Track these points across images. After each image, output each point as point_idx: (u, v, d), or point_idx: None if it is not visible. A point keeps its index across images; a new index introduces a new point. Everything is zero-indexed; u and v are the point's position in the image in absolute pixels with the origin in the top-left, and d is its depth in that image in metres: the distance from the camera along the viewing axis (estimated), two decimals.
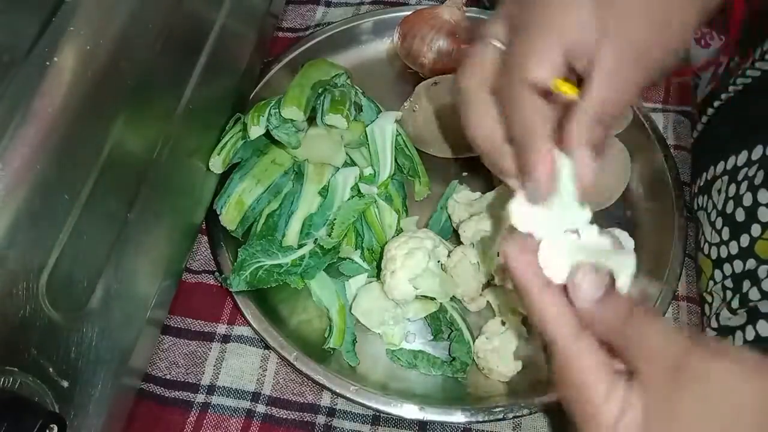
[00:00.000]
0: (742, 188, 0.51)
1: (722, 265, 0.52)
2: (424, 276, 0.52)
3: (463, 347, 0.53)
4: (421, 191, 0.61)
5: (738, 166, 0.53)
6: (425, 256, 0.52)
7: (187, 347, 0.55)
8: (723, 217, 0.53)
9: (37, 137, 0.36)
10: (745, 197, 0.50)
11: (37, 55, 0.37)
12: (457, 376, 0.53)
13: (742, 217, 0.50)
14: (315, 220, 0.56)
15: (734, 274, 0.51)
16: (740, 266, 0.50)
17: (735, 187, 0.52)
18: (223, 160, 0.56)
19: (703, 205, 0.57)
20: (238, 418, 0.52)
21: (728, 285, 0.51)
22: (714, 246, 0.53)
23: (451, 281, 0.54)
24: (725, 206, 0.53)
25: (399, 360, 0.54)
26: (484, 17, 0.71)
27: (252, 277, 0.54)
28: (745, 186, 0.51)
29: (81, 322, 0.40)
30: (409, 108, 0.65)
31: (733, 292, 0.51)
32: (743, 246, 0.50)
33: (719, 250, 0.53)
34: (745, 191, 0.50)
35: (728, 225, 0.52)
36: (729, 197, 0.52)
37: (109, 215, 0.43)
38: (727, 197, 0.53)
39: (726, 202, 0.53)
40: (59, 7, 0.39)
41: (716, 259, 0.53)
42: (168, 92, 0.49)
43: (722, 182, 0.54)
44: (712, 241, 0.54)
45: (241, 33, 0.60)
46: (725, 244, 0.52)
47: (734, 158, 0.53)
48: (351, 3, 0.75)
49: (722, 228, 0.53)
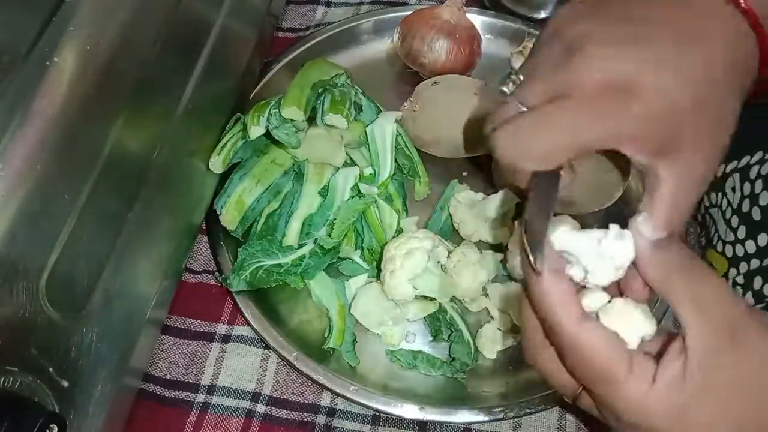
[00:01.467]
0: (757, 187, 0.51)
1: (738, 264, 0.52)
2: (423, 276, 0.52)
3: (463, 348, 0.53)
4: (421, 191, 0.61)
5: (750, 164, 0.53)
6: (424, 256, 0.52)
7: (187, 347, 0.55)
8: (739, 216, 0.53)
9: (37, 137, 0.36)
10: (762, 196, 0.50)
11: (37, 55, 0.37)
12: (457, 377, 0.53)
13: (759, 216, 0.50)
14: (315, 220, 0.56)
15: (749, 271, 0.51)
16: (757, 264, 0.50)
17: (750, 185, 0.52)
18: (223, 160, 0.56)
19: (716, 203, 0.57)
20: (238, 418, 0.52)
21: (739, 281, 0.51)
22: (729, 244, 0.53)
23: (451, 281, 0.54)
24: (741, 204, 0.53)
25: (399, 360, 0.54)
26: (484, 17, 0.71)
27: (252, 277, 0.54)
28: (760, 185, 0.51)
29: (81, 322, 0.40)
30: (409, 108, 0.65)
31: (744, 288, 0.51)
32: (761, 245, 0.50)
33: (735, 248, 0.53)
34: (761, 190, 0.50)
35: (744, 223, 0.52)
36: (744, 195, 0.52)
37: (109, 215, 0.43)
38: (743, 195, 0.53)
39: (742, 201, 0.53)
40: (59, 7, 0.38)
41: (732, 257, 0.53)
42: (168, 92, 0.49)
43: (734, 180, 0.54)
44: (726, 239, 0.54)
45: (241, 33, 0.60)
46: (741, 243, 0.52)
47: (748, 157, 0.53)
48: (351, 3, 0.75)
49: (738, 226, 0.53)
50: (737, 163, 0.54)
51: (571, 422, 0.52)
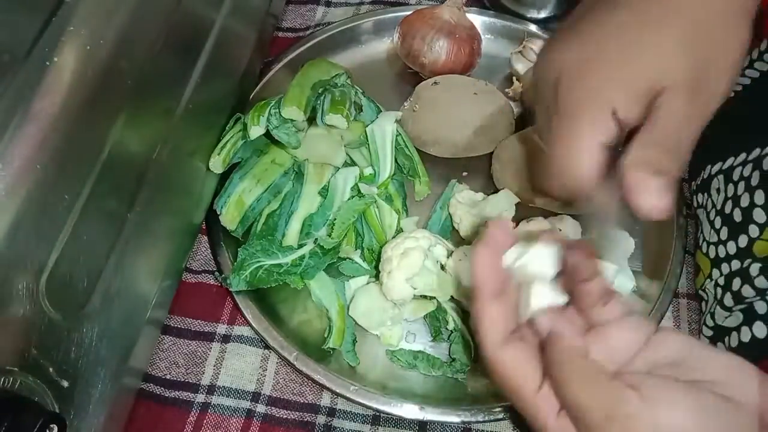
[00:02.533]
0: (739, 188, 0.51)
1: (720, 265, 0.52)
2: (421, 275, 0.52)
3: (462, 348, 0.53)
4: (421, 191, 0.61)
5: (733, 165, 0.53)
6: (421, 255, 0.52)
7: (187, 347, 0.55)
8: (722, 217, 0.53)
9: (37, 137, 0.36)
10: (743, 198, 0.50)
11: (37, 55, 0.37)
12: (457, 377, 0.53)
13: (740, 218, 0.50)
14: (315, 220, 0.56)
15: (730, 273, 0.51)
16: (737, 266, 0.50)
17: (732, 186, 0.52)
18: (223, 160, 0.56)
19: (702, 203, 0.57)
20: (238, 418, 0.52)
21: (720, 282, 0.52)
22: (712, 245, 0.54)
23: (450, 280, 0.54)
24: (724, 206, 0.53)
25: (399, 360, 0.54)
26: (484, 17, 0.71)
27: (252, 276, 0.54)
28: (742, 186, 0.51)
29: (81, 322, 0.40)
30: (409, 108, 0.65)
31: (724, 290, 0.51)
32: (741, 246, 0.50)
33: (717, 249, 0.53)
34: (743, 192, 0.50)
35: (727, 225, 0.52)
36: (727, 197, 0.53)
37: (109, 215, 0.43)
38: (726, 197, 0.53)
39: (725, 202, 0.53)
40: (59, 7, 0.38)
41: (714, 258, 0.53)
42: (168, 92, 0.49)
43: (718, 181, 0.54)
44: (710, 240, 0.54)
45: (241, 33, 0.60)
46: (723, 244, 0.52)
47: (732, 158, 0.53)
48: (351, 3, 0.75)
49: (721, 227, 0.53)
50: (722, 165, 0.54)
51: None
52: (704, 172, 0.57)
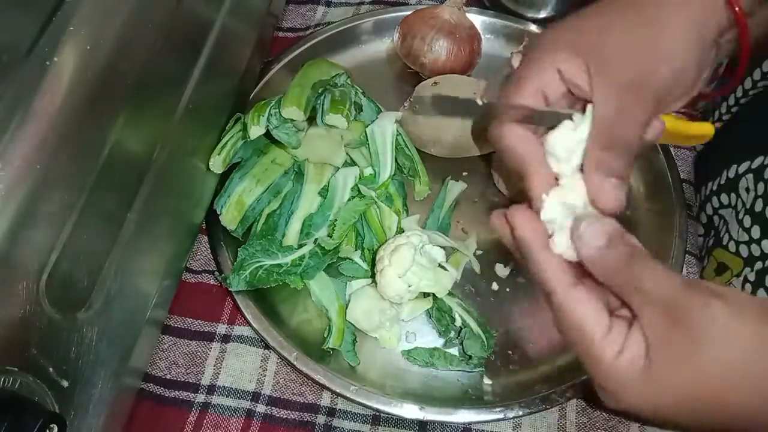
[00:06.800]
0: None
1: (754, 263, 0.52)
2: (414, 270, 0.52)
3: (476, 342, 0.53)
4: (421, 191, 0.61)
5: (765, 164, 0.53)
6: (410, 250, 0.52)
7: (187, 347, 0.55)
8: (752, 216, 0.53)
9: (37, 137, 0.36)
10: None
11: (37, 55, 0.37)
12: (477, 372, 0.53)
13: None
14: (315, 220, 0.56)
15: (762, 269, 0.51)
16: None
17: (763, 185, 0.52)
18: (223, 160, 0.56)
19: (728, 203, 0.57)
20: (238, 418, 0.52)
21: (750, 279, 0.52)
22: (744, 244, 0.54)
23: (448, 274, 0.54)
24: (754, 204, 0.53)
25: (415, 360, 0.54)
26: (484, 17, 0.71)
27: (252, 276, 0.54)
28: None
29: (81, 321, 0.40)
30: (409, 108, 0.65)
31: (754, 286, 0.51)
32: None
33: (750, 248, 0.53)
34: None
35: (758, 224, 0.52)
36: (758, 196, 0.53)
37: (109, 215, 0.43)
38: (757, 195, 0.53)
39: (755, 201, 0.53)
40: (59, 7, 0.38)
41: (748, 257, 0.53)
42: (168, 92, 0.49)
43: (747, 180, 0.54)
44: (739, 239, 0.54)
45: (241, 33, 0.60)
46: (757, 243, 0.52)
47: (762, 157, 0.53)
48: (351, 3, 0.75)
49: (752, 226, 0.53)
50: (750, 164, 0.55)
51: (571, 422, 0.52)
52: (728, 172, 0.57)
